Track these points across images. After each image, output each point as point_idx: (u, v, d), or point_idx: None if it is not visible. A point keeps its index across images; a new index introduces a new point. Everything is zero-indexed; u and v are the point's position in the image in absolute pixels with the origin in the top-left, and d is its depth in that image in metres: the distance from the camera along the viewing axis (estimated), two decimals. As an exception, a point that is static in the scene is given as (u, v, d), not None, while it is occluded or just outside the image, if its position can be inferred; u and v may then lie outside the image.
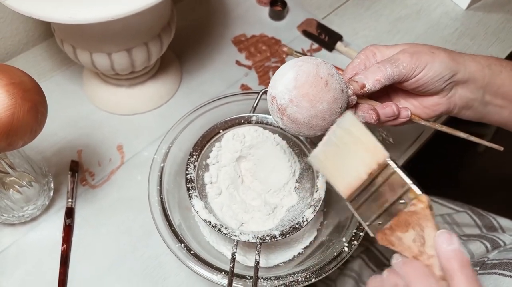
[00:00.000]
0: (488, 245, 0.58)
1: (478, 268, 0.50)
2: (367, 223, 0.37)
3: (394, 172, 0.34)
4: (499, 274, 0.46)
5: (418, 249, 0.34)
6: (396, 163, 0.34)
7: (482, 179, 1.34)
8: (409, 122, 0.47)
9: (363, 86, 0.42)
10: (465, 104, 0.47)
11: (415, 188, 0.33)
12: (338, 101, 0.41)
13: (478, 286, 0.30)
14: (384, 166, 0.34)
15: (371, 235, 0.38)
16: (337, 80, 0.41)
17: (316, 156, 0.40)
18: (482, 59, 0.46)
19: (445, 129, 0.48)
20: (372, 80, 0.42)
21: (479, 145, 1.35)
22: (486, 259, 0.51)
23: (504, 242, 0.57)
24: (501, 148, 0.49)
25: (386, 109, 0.45)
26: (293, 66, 0.41)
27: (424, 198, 0.33)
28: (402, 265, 0.34)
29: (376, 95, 0.47)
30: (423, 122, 0.47)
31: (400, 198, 0.34)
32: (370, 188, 0.36)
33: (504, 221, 0.65)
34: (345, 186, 0.37)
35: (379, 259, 0.70)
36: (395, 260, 0.35)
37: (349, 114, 0.38)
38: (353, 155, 0.36)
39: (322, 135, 0.40)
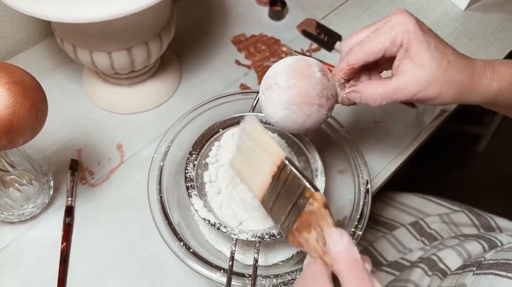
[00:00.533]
0: (485, 245, 0.58)
1: (474, 268, 0.50)
2: (279, 225, 0.36)
3: (291, 172, 0.33)
4: (496, 274, 0.46)
5: (321, 249, 0.32)
6: (293, 163, 0.33)
7: (480, 179, 1.34)
8: None
9: (355, 103, 0.45)
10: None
11: (310, 186, 0.32)
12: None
13: (367, 285, 0.30)
14: (282, 167, 0.34)
15: (284, 236, 0.37)
16: (323, 119, 0.43)
17: (232, 163, 0.40)
18: (494, 88, 0.44)
19: None
20: (371, 102, 0.44)
21: (478, 145, 1.35)
22: (482, 259, 0.51)
23: (501, 242, 0.58)
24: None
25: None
26: (287, 105, 0.41)
27: (318, 195, 0.32)
28: (305, 267, 0.33)
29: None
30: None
31: (299, 198, 0.33)
32: (276, 190, 0.35)
33: (501, 221, 0.65)
34: (258, 189, 0.37)
35: (377, 259, 0.70)
36: (305, 261, 0.34)
37: (249, 118, 0.38)
38: (259, 159, 0.36)
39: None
